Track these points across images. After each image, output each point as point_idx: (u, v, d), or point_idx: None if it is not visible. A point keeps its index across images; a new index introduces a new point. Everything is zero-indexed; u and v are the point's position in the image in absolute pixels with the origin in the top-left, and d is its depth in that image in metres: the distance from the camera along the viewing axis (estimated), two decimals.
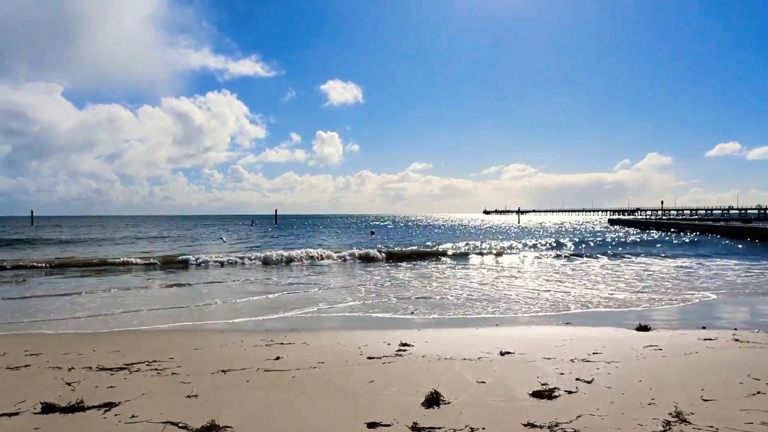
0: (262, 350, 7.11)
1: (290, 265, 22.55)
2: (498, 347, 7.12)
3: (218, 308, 11.81)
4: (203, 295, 14.09)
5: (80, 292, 14.27)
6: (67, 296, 13.62)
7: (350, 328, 9.28)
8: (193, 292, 14.73)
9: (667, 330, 8.55)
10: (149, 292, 14.65)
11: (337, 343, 7.57)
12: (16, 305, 12.36)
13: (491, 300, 12.58)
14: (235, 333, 8.64)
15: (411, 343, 7.49)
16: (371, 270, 20.40)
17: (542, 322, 9.76)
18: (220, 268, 21.39)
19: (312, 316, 10.68)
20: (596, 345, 7.27)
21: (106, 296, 13.72)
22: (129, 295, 13.92)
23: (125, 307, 11.73)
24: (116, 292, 14.53)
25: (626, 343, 7.39)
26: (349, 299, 12.89)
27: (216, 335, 8.38)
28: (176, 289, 15.36)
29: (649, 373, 5.76)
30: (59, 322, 10.11)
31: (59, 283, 16.45)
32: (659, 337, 7.91)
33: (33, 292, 14.40)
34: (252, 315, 10.78)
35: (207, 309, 11.66)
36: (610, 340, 7.70)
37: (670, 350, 6.90)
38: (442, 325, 9.55)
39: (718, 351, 6.88)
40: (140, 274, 19.35)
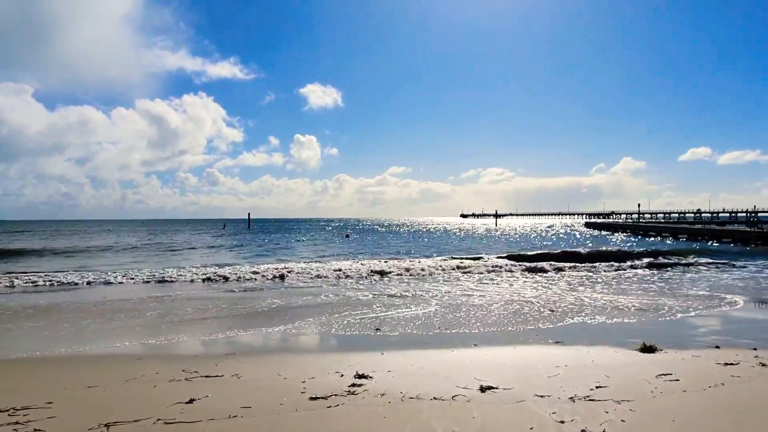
0: (177, 388, 5.55)
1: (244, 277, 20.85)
2: (477, 379, 5.69)
3: (151, 324, 10.13)
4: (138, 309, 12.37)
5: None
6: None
7: (300, 351, 7.77)
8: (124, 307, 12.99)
9: (676, 351, 7.22)
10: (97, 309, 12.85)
11: (278, 375, 6.04)
12: None
13: (471, 310, 11.18)
14: (154, 361, 7.01)
15: (370, 373, 6.00)
16: (335, 281, 18.85)
17: (529, 339, 8.36)
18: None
19: (259, 334, 9.11)
20: (598, 374, 5.88)
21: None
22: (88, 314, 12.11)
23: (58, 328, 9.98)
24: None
25: (634, 371, 6.02)
26: (310, 314, 11.34)
27: (128, 364, 6.74)
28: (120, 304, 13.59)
29: (675, 419, 4.39)
30: None
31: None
32: (670, 361, 6.56)
33: None
34: (188, 333, 9.15)
35: (135, 323, 9.99)
36: (614, 365, 6.33)
37: (689, 381, 5.55)
38: (411, 344, 8.07)
39: (747, 382, 5.56)
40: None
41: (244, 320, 10.53)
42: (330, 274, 18.85)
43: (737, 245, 32.75)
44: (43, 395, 5.19)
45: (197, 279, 17.73)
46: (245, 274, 18.67)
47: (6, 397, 5.13)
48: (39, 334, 9.28)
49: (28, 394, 5.24)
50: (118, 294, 14.55)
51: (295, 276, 18.58)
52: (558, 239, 49.11)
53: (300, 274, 19.04)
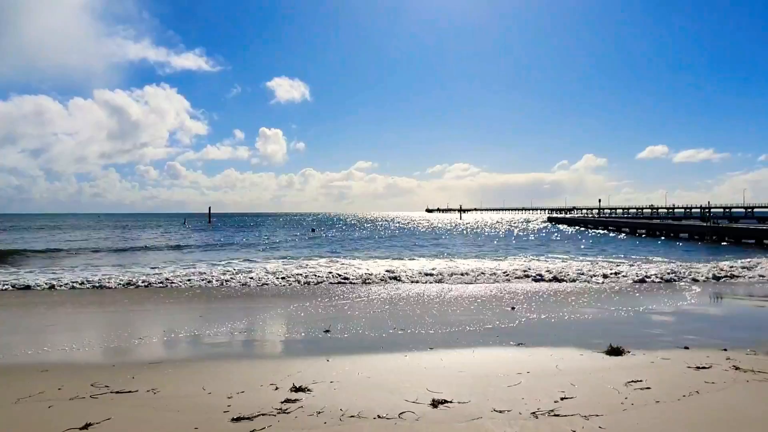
0: (76, 407, 4.67)
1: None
2: (430, 390, 5.02)
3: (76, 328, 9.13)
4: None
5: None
6: None
7: (235, 358, 6.93)
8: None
9: (644, 352, 6.72)
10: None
11: (202, 389, 5.22)
12: None
13: (429, 307, 10.56)
14: (63, 372, 6.06)
15: (309, 385, 5.25)
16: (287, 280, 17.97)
17: (489, 341, 7.75)
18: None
19: (193, 338, 8.23)
20: (563, 382, 5.30)
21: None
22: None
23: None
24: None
25: (600, 378, 5.47)
26: (257, 313, 10.51)
27: (29, 378, 5.79)
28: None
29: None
30: None
31: None
32: (639, 365, 6.05)
33: None
34: (113, 339, 8.20)
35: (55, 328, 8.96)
36: (579, 371, 5.77)
37: (661, 389, 5.01)
38: (361, 348, 7.34)
39: (722, 389, 5.06)
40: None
41: (188, 322, 9.62)
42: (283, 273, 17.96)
43: (692, 240, 33.38)
44: None
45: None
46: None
47: None
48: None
49: None
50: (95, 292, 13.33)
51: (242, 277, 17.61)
52: (511, 235, 49.53)
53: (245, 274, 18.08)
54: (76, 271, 18.36)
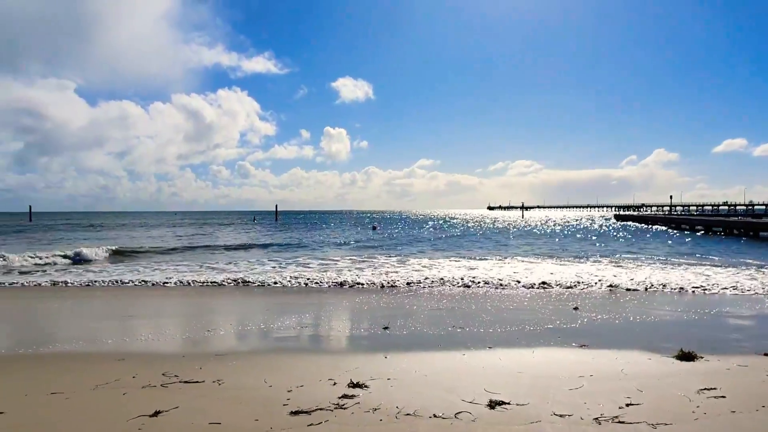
0: (148, 396, 4.94)
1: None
2: (488, 391, 4.95)
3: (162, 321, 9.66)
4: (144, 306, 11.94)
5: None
6: None
7: (295, 352, 7.08)
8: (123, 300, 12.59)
9: (718, 358, 6.34)
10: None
11: (263, 382, 5.39)
12: None
13: (487, 305, 10.42)
14: (137, 361, 6.42)
15: (366, 382, 5.31)
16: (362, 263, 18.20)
17: (550, 341, 7.54)
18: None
19: (258, 331, 8.50)
20: (629, 387, 5.08)
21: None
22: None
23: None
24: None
25: (670, 384, 5.20)
26: (319, 309, 10.74)
27: (106, 366, 6.17)
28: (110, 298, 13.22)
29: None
30: None
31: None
32: (713, 372, 5.70)
33: None
34: (185, 331, 8.62)
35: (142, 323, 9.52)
36: (647, 376, 5.51)
37: (737, 399, 4.70)
38: (419, 346, 7.34)
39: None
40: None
41: (254, 316, 9.99)
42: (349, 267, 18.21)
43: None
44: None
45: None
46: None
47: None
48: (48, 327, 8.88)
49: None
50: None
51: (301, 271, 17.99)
52: (589, 233, 47.85)
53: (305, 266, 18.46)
54: (162, 267, 19.47)
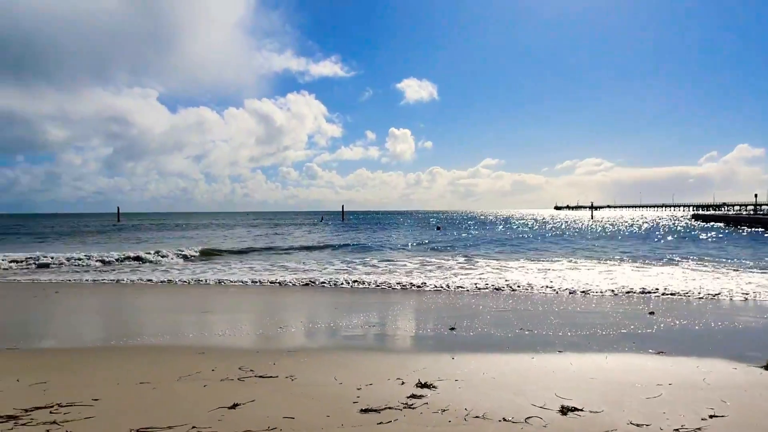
0: (226, 388, 5.20)
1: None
2: (559, 396, 4.85)
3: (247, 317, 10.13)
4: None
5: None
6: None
7: (364, 350, 7.20)
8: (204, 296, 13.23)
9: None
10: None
11: (334, 379, 5.54)
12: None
13: (557, 307, 10.17)
14: (216, 355, 6.77)
15: (434, 382, 5.34)
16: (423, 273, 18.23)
17: (624, 347, 7.26)
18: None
19: (329, 329, 8.72)
20: (712, 398, 4.82)
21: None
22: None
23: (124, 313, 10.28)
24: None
25: (758, 396, 4.89)
26: (390, 309, 10.87)
27: (188, 359, 6.55)
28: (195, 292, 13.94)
29: None
30: None
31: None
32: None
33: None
34: (259, 327, 8.98)
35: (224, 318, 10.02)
36: (731, 386, 5.21)
37: None
38: (486, 347, 7.28)
39: None
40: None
41: (324, 314, 10.28)
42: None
43: None
44: (93, 391, 5.04)
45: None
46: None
47: (58, 391, 5.04)
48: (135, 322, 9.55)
49: (79, 389, 5.12)
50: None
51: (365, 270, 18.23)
52: (668, 234, 45.56)
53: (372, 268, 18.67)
54: (239, 266, 20.41)
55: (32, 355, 6.91)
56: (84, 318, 10.27)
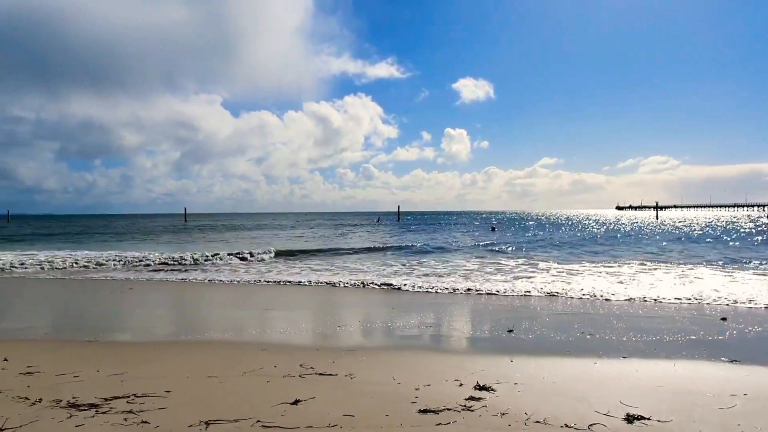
0: (288, 385, 5.37)
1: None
2: (624, 404, 4.70)
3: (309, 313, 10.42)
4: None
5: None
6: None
7: (422, 350, 7.22)
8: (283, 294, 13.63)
9: None
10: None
11: (392, 378, 5.60)
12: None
13: (620, 311, 9.83)
14: (277, 352, 6.99)
15: (493, 385, 5.30)
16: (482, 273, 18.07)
17: (693, 354, 6.94)
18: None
19: (387, 329, 8.80)
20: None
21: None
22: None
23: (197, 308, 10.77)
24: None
25: None
26: (447, 309, 10.86)
27: (252, 355, 6.79)
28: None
29: None
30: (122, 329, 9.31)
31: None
32: None
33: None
34: (319, 326, 9.19)
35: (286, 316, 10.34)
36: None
37: None
38: (546, 350, 7.14)
39: None
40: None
41: (381, 314, 10.42)
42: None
43: None
44: (165, 383, 5.34)
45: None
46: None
47: (134, 383, 5.36)
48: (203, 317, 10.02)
49: (153, 381, 5.42)
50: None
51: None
52: (746, 236, 43.07)
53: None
54: (304, 266, 21.00)
55: (110, 347, 7.37)
56: (156, 313, 10.83)
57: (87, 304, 11.95)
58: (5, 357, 6.46)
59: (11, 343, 7.53)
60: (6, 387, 5.20)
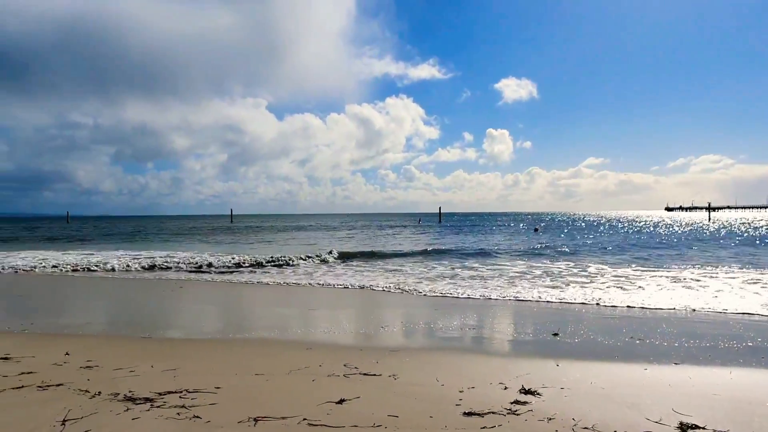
0: (333, 384, 5.45)
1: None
2: (677, 412, 4.56)
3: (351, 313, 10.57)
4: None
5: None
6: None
7: (465, 352, 7.19)
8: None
9: None
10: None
11: (435, 380, 5.61)
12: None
13: (671, 315, 9.51)
14: (322, 351, 7.10)
15: (538, 389, 5.23)
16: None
17: (751, 361, 6.63)
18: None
19: (431, 331, 8.81)
20: None
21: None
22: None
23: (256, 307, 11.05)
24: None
25: None
26: (493, 311, 10.78)
27: (297, 354, 6.92)
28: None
29: None
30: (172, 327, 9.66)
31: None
32: None
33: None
34: (362, 326, 9.29)
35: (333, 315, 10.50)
36: None
37: None
38: (593, 355, 6.99)
39: None
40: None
41: (424, 315, 10.45)
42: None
43: None
44: (215, 379, 5.51)
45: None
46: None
47: (186, 378, 5.56)
48: (247, 315, 10.31)
49: (204, 377, 5.61)
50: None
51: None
52: None
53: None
54: (355, 269, 21.26)
55: (162, 344, 7.65)
56: (205, 312, 11.18)
57: (140, 302, 12.45)
58: (67, 351, 6.82)
59: (73, 338, 7.94)
60: (68, 380, 5.49)
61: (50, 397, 4.89)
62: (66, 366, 6.14)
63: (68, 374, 5.75)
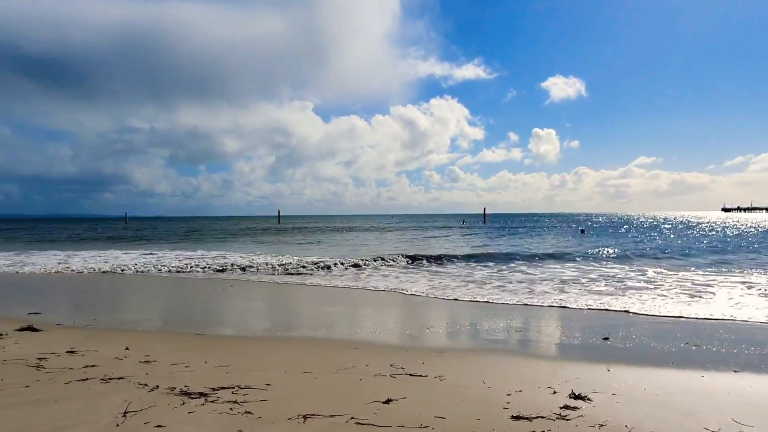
0: (380, 384, 5.51)
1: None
2: (736, 420, 4.38)
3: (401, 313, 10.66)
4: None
5: None
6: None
7: (512, 354, 7.12)
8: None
9: None
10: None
11: (482, 382, 5.58)
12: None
13: (729, 320, 9.09)
14: (369, 351, 7.19)
15: (589, 394, 5.12)
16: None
17: None
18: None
19: (478, 333, 8.76)
20: None
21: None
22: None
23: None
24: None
25: None
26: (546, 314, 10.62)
27: (344, 353, 7.02)
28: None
29: None
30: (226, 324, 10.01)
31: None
32: None
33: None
34: (408, 327, 9.33)
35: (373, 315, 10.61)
36: None
37: None
38: (645, 361, 6.77)
39: None
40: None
41: (470, 316, 10.40)
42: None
43: None
44: (265, 376, 5.67)
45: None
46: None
47: (237, 374, 5.74)
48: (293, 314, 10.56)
49: (255, 374, 5.78)
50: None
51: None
52: None
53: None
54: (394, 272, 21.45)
55: (215, 341, 7.92)
56: (256, 311, 11.50)
57: (193, 300, 12.91)
58: (127, 346, 7.17)
59: (132, 334, 8.34)
60: (128, 373, 5.77)
61: (112, 390, 5.15)
62: (126, 360, 6.46)
63: (128, 368, 6.05)
